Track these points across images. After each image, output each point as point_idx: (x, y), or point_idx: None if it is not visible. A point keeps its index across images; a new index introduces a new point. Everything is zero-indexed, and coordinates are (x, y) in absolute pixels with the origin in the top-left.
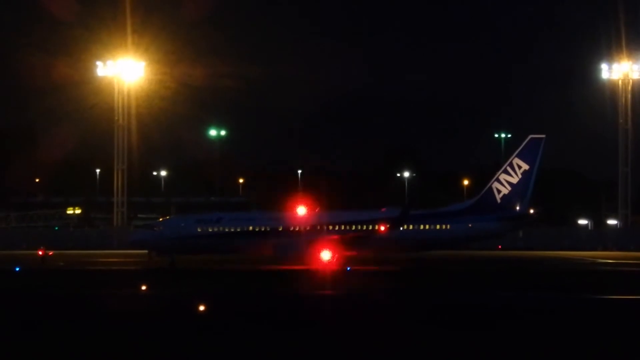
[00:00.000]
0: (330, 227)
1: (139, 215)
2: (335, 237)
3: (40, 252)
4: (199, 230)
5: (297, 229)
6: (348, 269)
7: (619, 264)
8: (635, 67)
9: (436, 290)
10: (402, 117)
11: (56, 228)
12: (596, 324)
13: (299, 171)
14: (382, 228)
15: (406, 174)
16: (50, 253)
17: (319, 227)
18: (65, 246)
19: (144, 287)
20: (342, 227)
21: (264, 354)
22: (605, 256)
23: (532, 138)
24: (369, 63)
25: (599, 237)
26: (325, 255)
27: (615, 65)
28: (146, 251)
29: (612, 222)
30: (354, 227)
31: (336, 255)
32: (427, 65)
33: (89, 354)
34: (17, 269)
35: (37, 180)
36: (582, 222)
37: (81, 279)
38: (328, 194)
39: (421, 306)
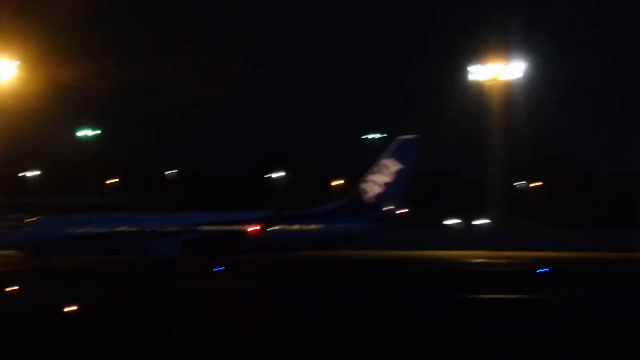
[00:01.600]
0: (202, 228)
1: (9, 216)
2: (206, 238)
3: None
4: (69, 231)
5: (169, 229)
6: (215, 269)
7: (489, 264)
8: (505, 68)
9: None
10: (278, 119)
11: None
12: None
13: (172, 171)
14: (255, 229)
15: (280, 175)
16: None
17: (191, 228)
18: None
19: (9, 289)
20: (215, 228)
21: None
22: (475, 256)
23: (401, 139)
24: (246, 64)
25: (468, 237)
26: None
27: (485, 67)
28: (15, 252)
29: (482, 222)
30: (226, 228)
31: (207, 256)
32: (301, 66)
33: None
34: None
35: None
36: (453, 222)
37: None
38: (201, 195)
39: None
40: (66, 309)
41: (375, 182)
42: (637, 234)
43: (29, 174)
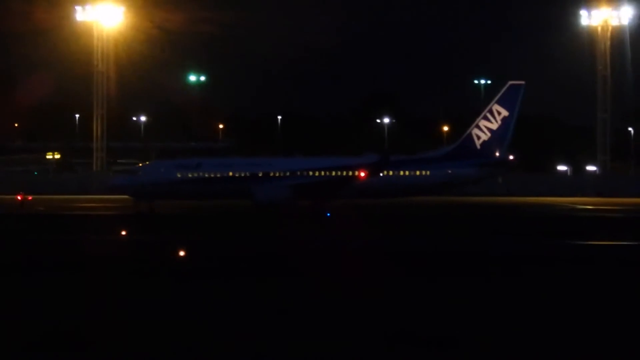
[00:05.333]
0: (310, 173)
1: (119, 161)
2: (315, 183)
3: (19, 197)
4: (178, 175)
5: (277, 174)
6: (328, 214)
7: (599, 210)
8: (615, 13)
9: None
10: (382, 63)
11: (35, 173)
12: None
13: (279, 117)
14: (362, 174)
15: (386, 120)
16: (30, 198)
17: (298, 173)
18: (44, 191)
19: (123, 233)
20: (322, 173)
21: (245, 303)
22: (584, 202)
23: (511, 84)
24: (349, 8)
25: (577, 183)
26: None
27: (594, 12)
28: (126, 196)
29: (591, 168)
30: (334, 173)
31: (315, 201)
32: (407, 12)
33: (67, 298)
34: None
35: (15, 125)
36: (561, 168)
37: (60, 223)
38: (308, 140)
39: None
40: (174, 253)
41: (485, 128)
42: None
43: (138, 118)
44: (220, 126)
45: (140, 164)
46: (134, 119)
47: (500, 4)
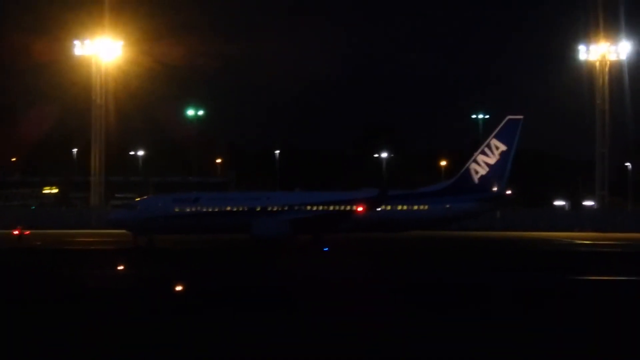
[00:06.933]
0: (309, 208)
1: (117, 195)
2: (314, 217)
3: (16, 232)
4: (176, 210)
5: (275, 209)
6: (325, 249)
7: (596, 245)
8: (613, 48)
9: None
10: (382, 96)
11: (33, 207)
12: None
13: (277, 151)
14: (360, 209)
15: (384, 155)
16: (27, 232)
17: (297, 208)
18: (42, 225)
19: (121, 267)
20: (321, 208)
21: (242, 337)
22: (583, 237)
23: (510, 119)
24: (349, 43)
25: (575, 218)
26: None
27: (592, 47)
28: (124, 231)
29: (589, 203)
30: (332, 208)
31: (313, 235)
32: (406, 46)
33: (63, 332)
34: None
35: (13, 159)
36: (559, 203)
37: (58, 258)
38: (306, 174)
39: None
40: (172, 288)
41: (484, 162)
42: None
43: (136, 153)
44: (219, 160)
45: (139, 199)
46: (133, 153)
47: (499, 39)
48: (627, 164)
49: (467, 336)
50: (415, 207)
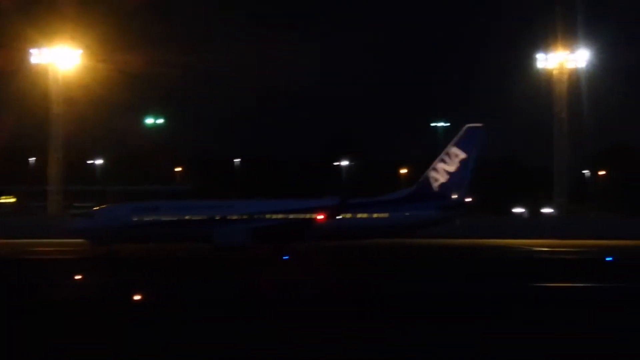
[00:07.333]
0: (270, 216)
1: (75, 204)
2: (274, 226)
3: None
4: (135, 219)
5: (236, 217)
6: (285, 257)
7: (555, 252)
8: (571, 56)
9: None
10: (345, 106)
11: None
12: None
13: (237, 160)
14: (321, 217)
15: (345, 163)
16: None
17: (258, 216)
18: None
19: (79, 276)
20: (282, 216)
21: (198, 345)
22: (541, 244)
23: (469, 127)
24: (310, 53)
25: (534, 225)
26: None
27: (551, 55)
28: (83, 240)
29: (548, 210)
30: (292, 216)
31: (274, 244)
32: (367, 56)
33: (21, 344)
34: None
35: None
36: (518, 210)
37: (15, 267)
38: (268, 183)
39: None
40: (131, 297)
41: (443, 170)
42: None
43: (95, 162)
44: (179, 169)
45: (97, 207)
46: (91, 161)
47: (460, 48)
48: (586, 171)
49: (422, 343)
50: (376, 215)
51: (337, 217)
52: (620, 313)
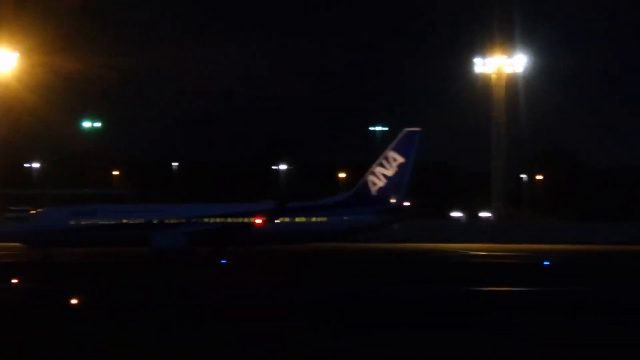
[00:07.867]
0: (208, 220)
1: (10, 208)
2: (212, 230)
3: None
4: (72, 222)
5: (173, 221)
6: (223, 261)
7: (491, 256)
8: (509, 61)
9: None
10: (285, 109)
11: None
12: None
13: (175, 163)
14: (259, 221)
15: (283, 167)
16: None
17: (194, 220)
18: None
19: (14, 280)
20: (219, 220)
21: (137, 349)
22: (478, 248)
23: (406, 131)
24: (250, 56)
25: (472, 229)
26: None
27: (488, 60)
28: (17, 244)
29: (485, 214)
30: (231, 220)
31: (211, 248)
32: (305, 60)
33: None
34: None
35: None
36: (457, 214)
37: None
38: (205, 187)
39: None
40: (68, 301)
41: (381, 174)
42: None
43: (31, 165)
44: (116, 172)
45: (33, 211)
46: (28, 165)
47: (400, 52)
48: (523, 175)
49: (348, 348)
50: (314, 219)
51: (276, 221)
52: (556, 317)
